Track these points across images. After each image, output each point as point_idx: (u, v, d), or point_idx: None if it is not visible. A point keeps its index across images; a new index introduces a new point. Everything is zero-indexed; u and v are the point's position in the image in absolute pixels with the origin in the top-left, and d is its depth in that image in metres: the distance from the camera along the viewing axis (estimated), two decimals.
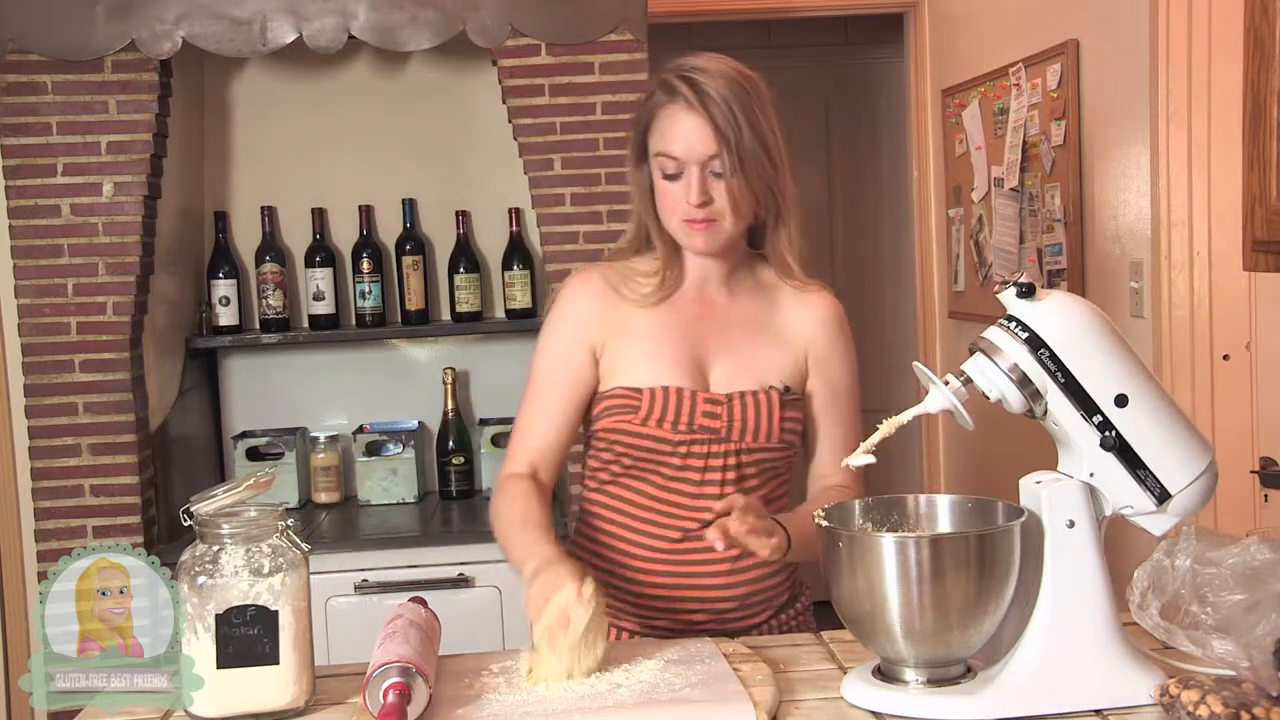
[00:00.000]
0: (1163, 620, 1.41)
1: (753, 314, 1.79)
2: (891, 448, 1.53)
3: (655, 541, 1.74)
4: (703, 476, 1.72)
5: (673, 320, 1.76)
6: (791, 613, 1.83)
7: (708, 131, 1.64)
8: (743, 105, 1.65)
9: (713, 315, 1.78)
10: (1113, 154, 2.94)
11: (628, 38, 2.96)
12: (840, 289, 1.81)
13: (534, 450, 1.76)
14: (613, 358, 1.75)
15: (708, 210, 1.67)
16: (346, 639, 2.66)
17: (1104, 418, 1.37)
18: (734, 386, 1.74)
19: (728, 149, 1.64)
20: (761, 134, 1.66)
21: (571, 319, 1.78)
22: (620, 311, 1.76)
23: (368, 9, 2.89)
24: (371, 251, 3.31)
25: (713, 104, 1.64)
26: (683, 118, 1.66)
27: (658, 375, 1.72)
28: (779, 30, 5.03)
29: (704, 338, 1.76)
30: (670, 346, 1.74)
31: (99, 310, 2.92)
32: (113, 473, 2.94)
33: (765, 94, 1.70)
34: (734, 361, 1.75)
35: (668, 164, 1.67)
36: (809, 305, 1.82)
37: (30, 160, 2.90)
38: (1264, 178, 1.67)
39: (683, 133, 1.66)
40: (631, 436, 1.71)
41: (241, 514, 1.44)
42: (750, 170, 1.67)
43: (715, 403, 1.72)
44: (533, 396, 1.78)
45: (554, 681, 1.44)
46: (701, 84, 1.65)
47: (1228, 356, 2.71)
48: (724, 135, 1.64)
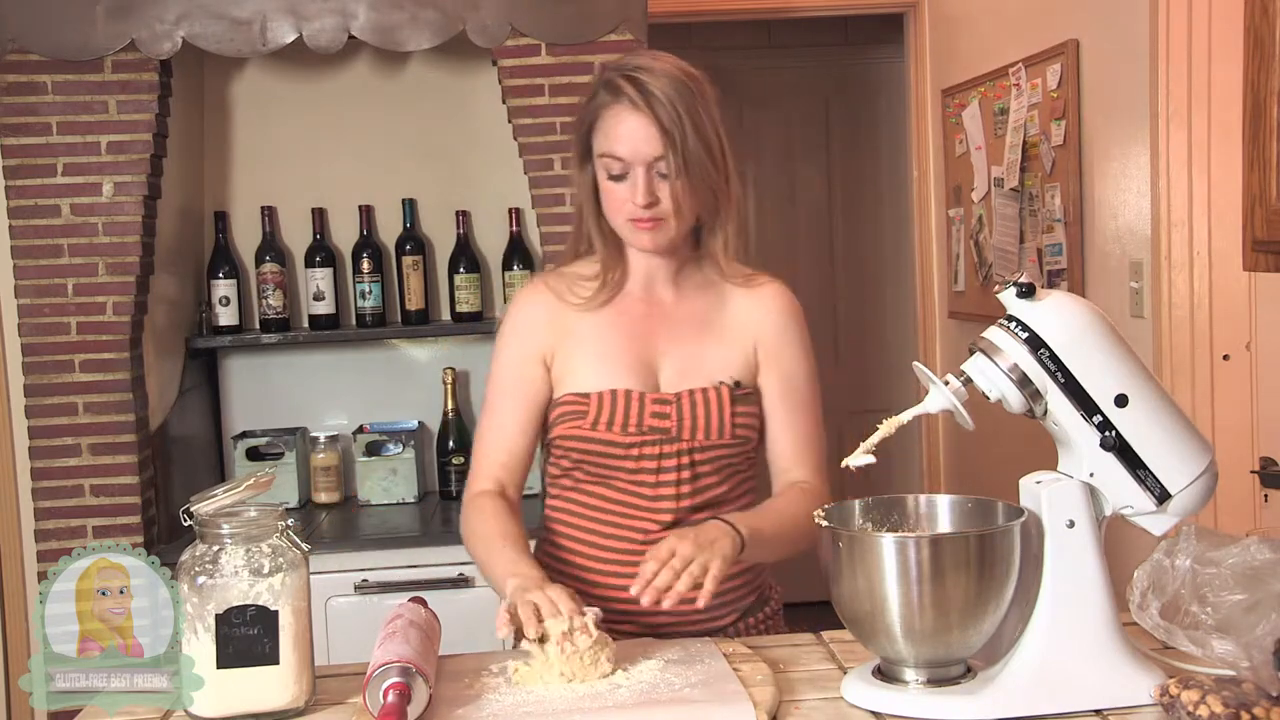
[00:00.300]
0: (1163, 620, 1.41)
1: (701, 310, 1.78)
2: (891, 448, 1.53)
3: (617, 544, 1.73)
4: (657, 478, 1.71)
5: (619, 322, 1.76)
6: (760, 616, 1.81)
7: (653, 132, 1.63)
8: (687, 106, 1.64)
9: (661, 314, 1.77)
10: (1113, 154, 2.94)
11: (628, 38, 2.96)
12: (840, 289, 1.81)
13: (498, 465, 1.76)
14: (562, 365, 1.75)
15: (654, 211, 1.66)
16: (346, 639, 2.66)
17: (1104, 418, 1.37)
18: (684, 385, 1.72)
19: (673, 150, 1.63)
20: (705, 135, 1.65)
21: (521, 331, 1.78)
22: (567, 318, 1.76)
23: (368, 9, 2.89)
24: (371, 251, 3.31)
25: (658, 104, 1.63)
26: (628, 118, 1.65)
27: (606, 379, 1.72)
28: (779, 30, 5.03)
29: (652, 337, 1.75)
30: (618, 349, 1.74)
31: (99, 310, 2.92)
32: (113, 473, 2.94)
33: (709, 94, 1.69)
34: (683, 359, 1.74)
35: (613, 165, 1.66)
36: (758, 298, 1.80)
37: (30, 160, 2.90)
38: (1264, 178, 1.67)
39: (628, 133, 1.64)
40: (583, 442, 1.71)
41: (241, 514, 1.44)
42: (694, 171, 1.65)
43: (664, 402, 1.71)
44: (490, 413, 1.78)
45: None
46: (646, 84, 1.63)
47: (1228, 356, 2.71)
48: (670, 136, 1.63)
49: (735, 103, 5.14)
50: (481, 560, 1.70)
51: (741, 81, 5.13)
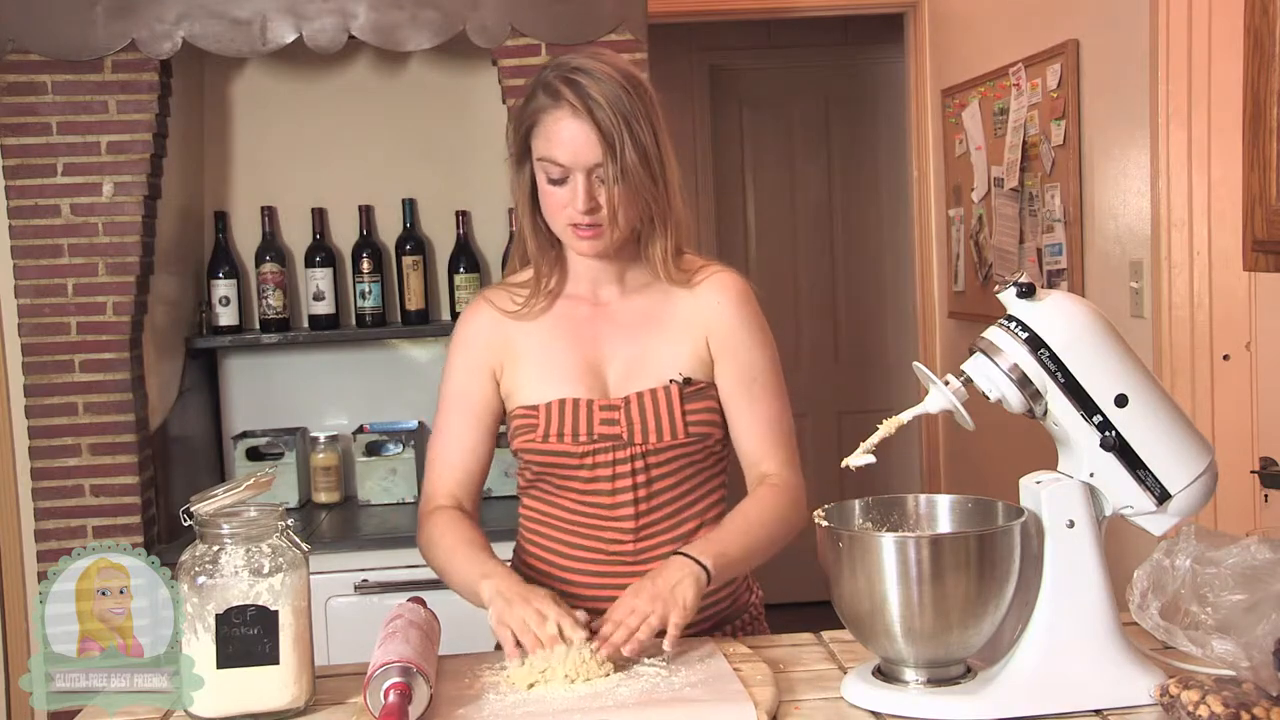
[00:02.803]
0: (1163, 620, 1.41)
1: (646, 309, 1.74)
2: (891, 448, 1.53)
3: (586, 554, 1.72)
4: (613, 485, 1.69)
5: (563, 329, 1.74)
6: (738, 623, 1.78)
7: (593, 139, 1.60)
8: (627, 111, 1.61)
9: (606, 316, 1.74)
10: (1113, 154, 2.94)
11: (628, 38, 2.96)
12: (840, 289, 1.79)
13: (452, 482, 1.75)
14: (510, 379, 1.74)
15: (594, 217, 1.63)
16: (346, 639, 2.66)
17: (1104, 418, 1.37)
18: (632, 387, 1.69)
19: (612, 157, 1.60)
20: (642, 142, 1.62)
21: (468, 348, 1.77)
22: (511, 331, 1.75)
23: (368, 9, 2.89)
24: (371, 251, 3.31)
25: (598, 109, 1.59)
26: (568, 124, 1.61)
27: (554, 389, 1.70)
28: (779, 30, 5.03)
29: (598, 341, 1.72)
30: (563, 357, 1.72)
31: (99, 310, 2.92)
32: (113, 473, 2.94)
33: (650, 96, 1.66)
34: (630, 361, 1.71)
35: (553, 169, 1.63)
36: (705, 289, 1.75)
37: (30, 160, 2.90)
38: (1264, 178, 1.66)
39: (568, 139, 1.61)
40: (538, 454, 1.70)
41: (241, 514, 1.44)
42: (631, 179, 1.62)
43: (612, 408, 1.69)
44: (440, 432, 1.77)
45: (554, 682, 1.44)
46: (586, 88, 1.60)
47: (1228, 356, 2.71)
48: (609, 143, 1.60)
49: (735, 103, 5.14)
50: (442, 568, 1.68)
51: (741, 81, 5.14)
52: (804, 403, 5.21)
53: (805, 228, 5.21)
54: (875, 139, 5.16)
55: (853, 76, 5.16)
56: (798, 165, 5.21)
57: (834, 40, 5.07)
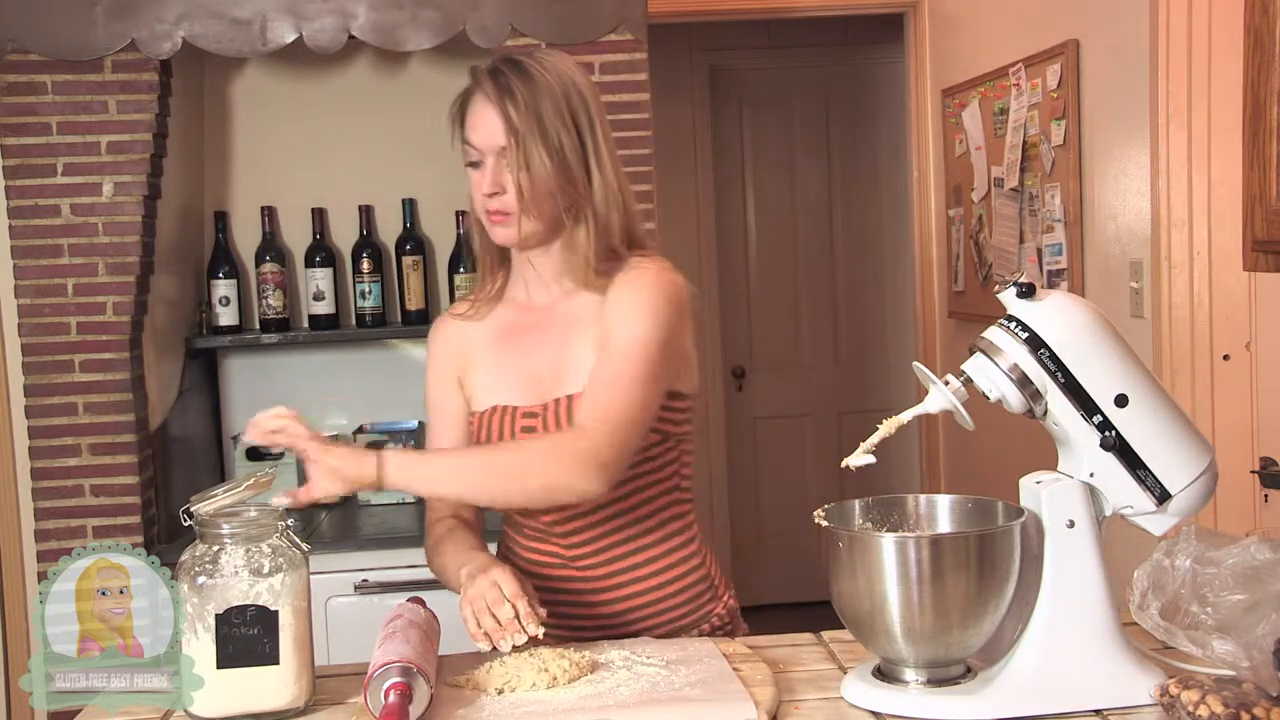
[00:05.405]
0: (1163, 620, 1.41)
1: (578, 312, 1.71)
2: (891, 448, 1.53)
3: (539, 556, 1.74)
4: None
5: (507, 336, 1.75)
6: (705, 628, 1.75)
7: (499, 124, 1.63)
8: (545, 105, 1.62)
9: (543, 320, 1.74)
10: (1113, 154, 2.94)
11: (628, 38, 2.96)
12: (840, 289, 1.79)
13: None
14: (469, 386, 1.77)
15: (499, 203, 1.65)
16: (346, 639, 2.66)
17: (1104, 418, 1.37)
18: (562, 390, 1.68)
19: (516, 145, 1.62)
20: (553, 140, 1.62)
21: (435, 360, 1.81)
22: (470, 340, 1.78)
23: (368, 9, 2.89)
24: (371, 251, 3.31)
25: (509, 98, 1.62)
26: (481, 107, 1.66)
27: (493, 396, 1.73)
28: (779, 30, 5.03)
29: (537, 346, 1.72)
30: (505, 364, 1.73)
31: (99, 310, 2.92)
32: (113, 473, 2.94)
33: (585, 97, 1.66)
34: (557, 366, 1.70)
35: (470, 152, 1.67)
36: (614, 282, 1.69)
37: (30, 160, 2.90)
38: (1264, 178, 1.66)
39: (480, 122, 1.66)
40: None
41: (241, 514, 1.44)
42: (539, 170, 1.62)
43: (531, 415, 1.69)
44: (430, 442, 1.80)
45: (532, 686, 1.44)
46: (507, 78, 1.64)
47: (1228, 356, 2.71)
48: (514, 131, 1.62)
49: (735, 103, 5.14)
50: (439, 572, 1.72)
51: (741, 81, 5.14)
52: (804, 403, 5.24)
53: (805, 228, 5.21)
54: (875, 139, 5.16)
55: (853, 76, 5.16)
56: (798, 165, 5.21)
57: (834, 40, 5.07)
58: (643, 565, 1.72)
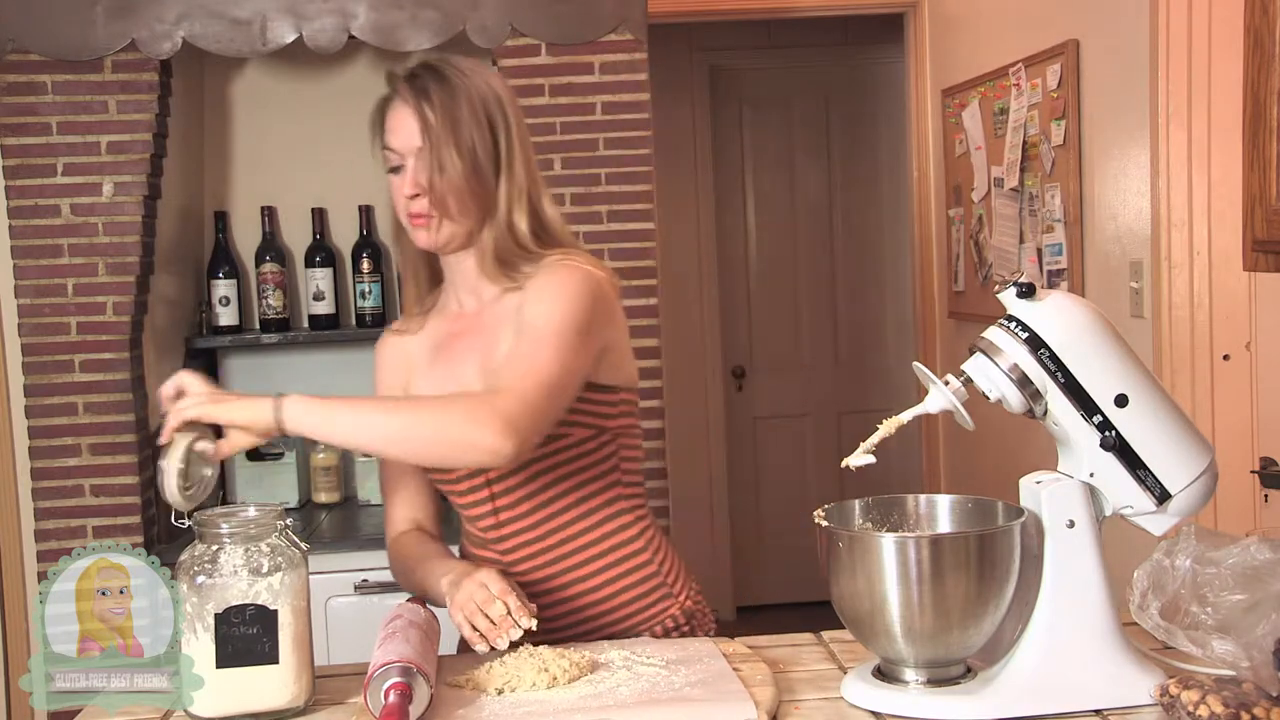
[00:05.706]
0: (1163, 620, 1.41)
1: (502, 316, 1.69)
2: (891, 448, 1.53)
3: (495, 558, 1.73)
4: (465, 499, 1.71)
5: (443, 346, 1.75)
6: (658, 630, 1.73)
7: (415, 125, 1.64)
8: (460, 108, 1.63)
9: (476, 327, 1.73)
10: (1113, 154, 2.94)
11: (628, 38, 2.96)
12: (840, 289, 1.79)
13: (408, 504, 1.80)
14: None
15: (419, 205, 1.65)
16: (346, 639, 2.66)
17: (1104, 418, 1.37)
18: None
19: (430, 147, 1.63)
20: (465, 145, 1.63)
21: (381, 379, 1.83)
22: (409, 354, 1.79)
23: (368, 9, 2.89)
24: (371, 251, 3.31)
25: (424, 101, 1.63)
26: (398, 111, 1.66)
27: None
28: (779, 30, 5.03)
29: (468, 353, 1.72)
30: (442, 373, 1.74)
31: (99, 310, 2.92)
32: (113, 473, 2.94)
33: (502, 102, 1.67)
34: (482, 370, 1.69)
35: (390, 156, 1.68)
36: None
37: (30, 160, 2.90)
38: (1264, 178, 1.66)
39: (398, 125, 1.66)
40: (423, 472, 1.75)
41: (240, 513, 1.44)
42: (450, 176, 1.63)
43: None
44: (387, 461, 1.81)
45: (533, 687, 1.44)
46: (423, 81, 1.65)
47: (1228, 356, 2.71)
48: (428, 132, 1.63)
49: (735, 103, 5.14)
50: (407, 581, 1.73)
51: (741, 81, 5.14)
52: (804, 403, 5.24)
53: (805, 228, 5.21)
54: (875, 139, 5.16)
55: (853, 76, 5.16)
56: (798, 165, 5.21)
57: (834, 40, 5.07)
58: (581, 566, 1.71)
